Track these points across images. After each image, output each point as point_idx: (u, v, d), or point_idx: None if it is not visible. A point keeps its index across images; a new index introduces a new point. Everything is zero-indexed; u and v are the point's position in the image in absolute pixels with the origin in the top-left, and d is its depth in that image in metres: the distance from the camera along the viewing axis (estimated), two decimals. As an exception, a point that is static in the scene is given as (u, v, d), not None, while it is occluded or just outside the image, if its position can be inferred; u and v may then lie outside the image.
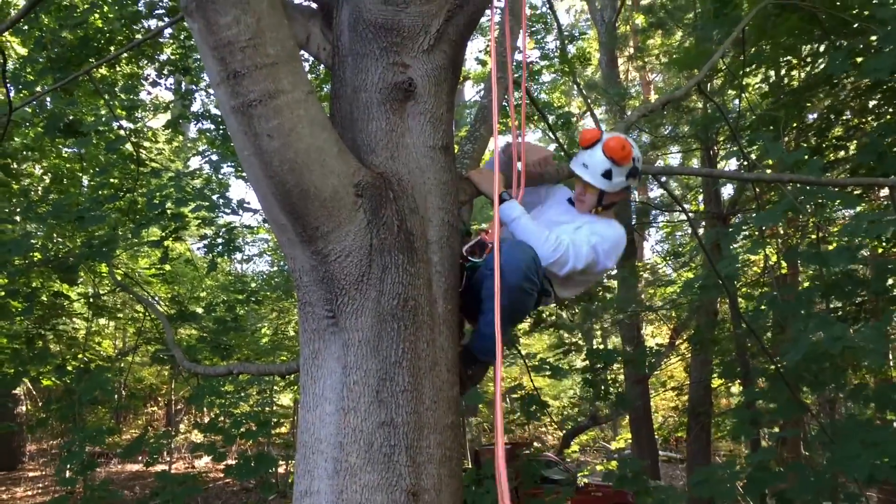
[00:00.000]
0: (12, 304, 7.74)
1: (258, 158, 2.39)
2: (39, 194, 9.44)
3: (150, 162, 8.40)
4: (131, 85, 8.84)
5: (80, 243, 7.88)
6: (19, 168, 9.71)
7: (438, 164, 2.78)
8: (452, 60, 2.81)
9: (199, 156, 10.82)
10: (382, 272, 2.56)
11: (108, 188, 7.91)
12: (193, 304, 12.74)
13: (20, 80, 7.58)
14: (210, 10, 2.21)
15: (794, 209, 5.28)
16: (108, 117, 8.44)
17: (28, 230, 8.58)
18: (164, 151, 13.28)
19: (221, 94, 2.34)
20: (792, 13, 7.06)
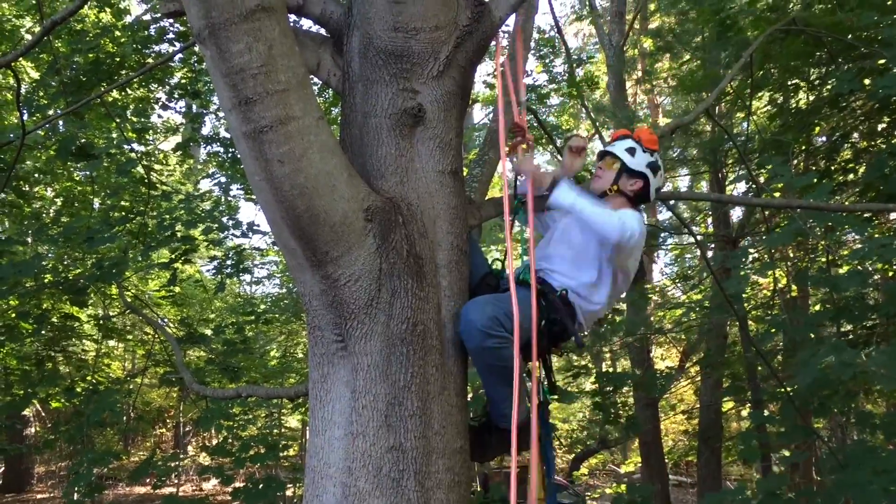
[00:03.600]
0: (22, 326, 7.77)
1: (269, 183, 2.41)
2: (51, 216, 9.51)
3: (160, 185, 8.45)
4: (142, 108, 8.92)
5: (90, 265, 7.92)
6: (31, 190, 9.79)
7: (447, 188, 2.79)
8: (461, 86, 2.84)
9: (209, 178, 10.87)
10: (392, 296, 2.58)
11: (118, 211, 7.96)
12: (202, 326, 12.77)
13: (33, 103, 7.66)
14: (222, 37, 2.24)
15: (804, 233, 5.27)
16: (119, 140, 8.51)
17: (39, 252, 8.63)
18: (174, 174, 13.38)
19: (233, 120, 2.37)
20: (797, 37, 7.09)
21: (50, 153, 8.60)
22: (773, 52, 7.46)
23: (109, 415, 7.61)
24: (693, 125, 10.25)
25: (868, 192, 7.45)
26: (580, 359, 11.78)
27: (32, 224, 8.49)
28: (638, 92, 16.95)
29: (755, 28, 7.66)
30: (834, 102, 7.77)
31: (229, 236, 8.53)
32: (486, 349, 2.73)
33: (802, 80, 8.40)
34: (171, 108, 9.98)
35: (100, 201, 9.54)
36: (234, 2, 2.22)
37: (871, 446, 5.80)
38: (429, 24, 2.67)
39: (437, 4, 2.66)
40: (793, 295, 10.62)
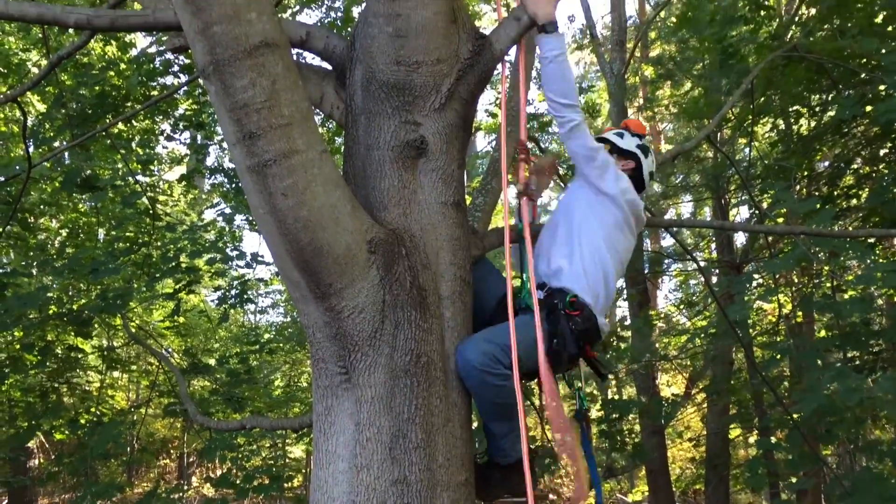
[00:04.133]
0: (27, 358, 7.77)
1: (273, 216, 2.42)
2: (56, 247, 9.53)
3: (165, 216, 8.49)
4: (147, 140, 8.98)
5: (94, 296, 7.93)
6: (36, 222, 9.82)
7: (450, 220, 2.80)
8: (463, 118, 2.86)
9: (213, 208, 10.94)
10: (395, 328, 2.58)
11: (123, 242, 7.99)
12: (206, 356, 12.74)
13: (39, 136, 7.72)
14: (227, 73, 2.27)
15: (808, 258, 5.27)
16: (124, 172, 8.56)
17: (44, 283, 8.64)
18: (179, 204, 13.43)
19: (237, 154, 2.39)
20: (799, 63, 7.13)
21: (55, 185, 8.65)
22: (775, 78, 7.51)
23: (113, 446, 7.58)
24: (695, 151, 10.29)
25: (871, 217, 7.46)
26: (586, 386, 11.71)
27: (37, 255, 8.52)
28: (640, 119, 17.04)
29: (758, 55, 7.71)
30: (836, 128, 7.80)
31: (233, 267, 8.55)
32: (486, 387, 2.72)
33: (804, 106, 8.45)
34: (176, 140, 10.06)
35: (104, 232, 9.57)
36: (238, 38, 2.24)
37: (878, 473, 5.76)
38: (430, 57, 2.70)
39: (439, 38, 2.69)
40: (797, 321, 10.58)
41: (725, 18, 7.73)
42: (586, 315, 3.06)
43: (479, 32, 2.84)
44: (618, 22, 12.72)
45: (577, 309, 3.04)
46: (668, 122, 16.74)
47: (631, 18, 14.86)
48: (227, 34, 2.24)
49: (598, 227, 3.16)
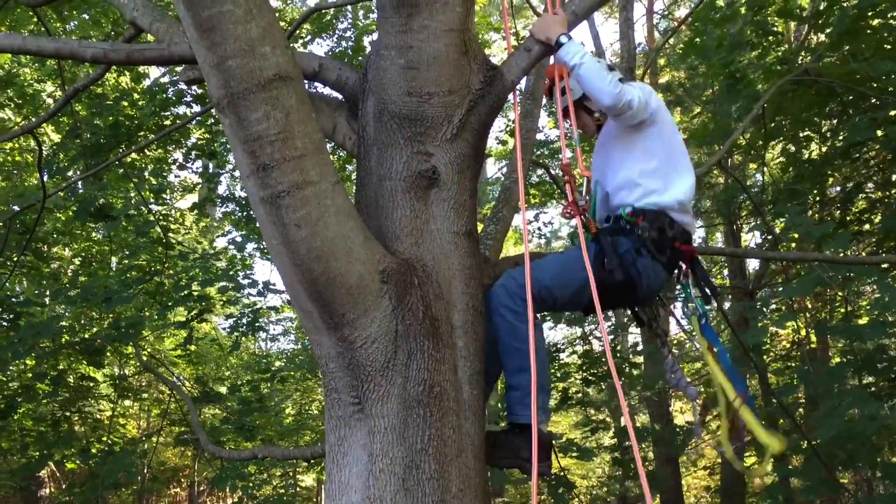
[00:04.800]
0: (39, 387, 7.79)
1: (286, 247, 2.43)
2: (69, 276, 9.59)
3: (177, 245, 8.53)
4: (159, 169, 9.05)
5: (107, 325, 7.96)
6: (49, 251, 9.89)
7: (462, 249, 2.81)
8: (475, 148, 2.87)
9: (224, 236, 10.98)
10: (408, 358, 2.57)
11: (136, 270, 8.03)
12: (218, 384, 12.73)
13: (53, 166, 7.80)
14: (241, 106, 2.29)
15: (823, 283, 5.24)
16: (137, 201, 8.62)
17: (56, 312, 8.68)
18: (191, 232, 13.50)
19: (251, 186, 2.40)
20: (809, 88, 7.14)
21: (69, 213, 8.72)
22: (785, 103, 7.51)
23: (124, 476, 7.57)
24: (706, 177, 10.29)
25: (886, 241, 7.42)
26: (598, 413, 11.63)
27: (51, 284, 8.56)
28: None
29: (766, 80, 7.72)
30: (846, 154, 7.79)
31: (245, 295, 8.57)
32: (500, 323, 2.86)
33: (814, 131, 8.44)
34: (188, 168, 10.13)
35: (117, 260, 9.63)
36: (253, 72, 2.27)
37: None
38: (442, 88, 2.72)
39: (450, 69, 2.71)
40: (812, 346, 10.50)
41: (733, 44, 7.76)
42: (651, 217, 3.05)
43: (490, 63, 2.86)
44: (627, 49, 12.79)
45: (639, 215, 3.05)
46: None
47: (640, 45, 14.93)
48: (241, 68, 2.27)
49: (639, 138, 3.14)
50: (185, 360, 11.06)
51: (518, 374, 2.88)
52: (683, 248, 3.12)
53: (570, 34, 2.93)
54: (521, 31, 11.17)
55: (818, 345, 10.74)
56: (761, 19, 7.71)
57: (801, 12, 8.15)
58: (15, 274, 7.93)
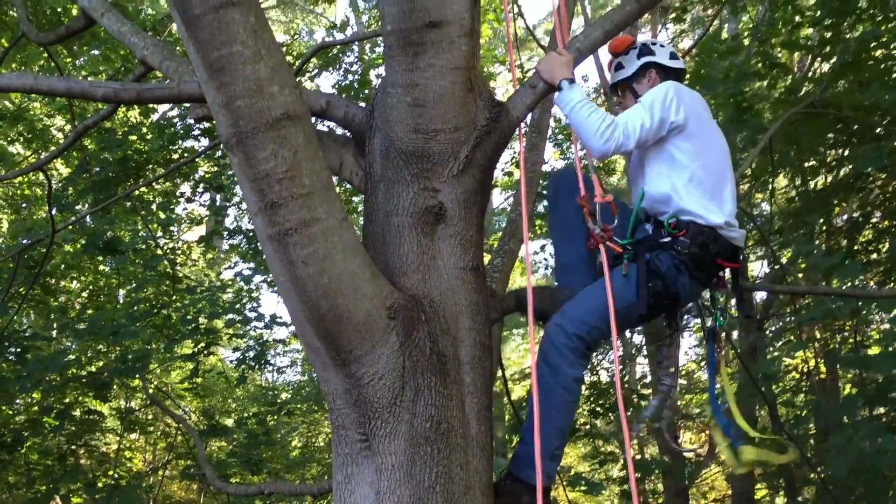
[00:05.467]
0: (46, 420, 7.77)
1: (293, 284, 2.44)
2: (76, 309, 9.60)
3: (185, 278, 8.55)
4: (167, 203, 9.10)
5: (114, 358, 7.96)
6: (57, 284, 9.92)
7: (469, 284, 2.81)
8: (481, 183, 2.89)
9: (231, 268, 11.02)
10: (415, 395, 2.57)
11: (143, 303, 8.04)
12: (224, 416, 12.70)
13: (62, 200, 7.85)
14: (249, 144, 2.31)
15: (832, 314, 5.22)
16: (144, 234, 8.66)
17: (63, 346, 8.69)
18: (197, 263, 13.53)
19: (259, 223, 2.42)
20: (816, 118, 7.16)
21: (77, 247, 8.76)
22: (792, 132, 7.53)
23: (130, 511, 7.52)
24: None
25: (894, 272, 7.39)
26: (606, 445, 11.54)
27: (59, 318, 8.58)
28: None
29: (773, 111, 7.75)
30: (853, 184, 7.79)
31: (252, 328, 8.57)
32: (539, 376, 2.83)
33: (820, 161, 8.45)
34: (196, 201, 10.18)
35: (125, 293, 9.65)
36: (261, 111, 2.29)
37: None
38: (448, 125, 2.74)
39: (456, 106, 2.73)
40: (822, 377, 10.42)
41: (739, 74, 7.81)
42: (694, 231, 2.97)
43: (495, 100, 2.88)
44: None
45: (682, 228, 2.97)
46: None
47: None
48: (250, 107, 2.29)
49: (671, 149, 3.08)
50: (192, 393, 11.03)
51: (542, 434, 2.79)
52: (726, 264, 3.07)
53: (573, 77, 2.95)
54: (525, 64, 11.25)
55: (828, 375, 10.66)
56: (767, 51, 7.76)
57: (806, 41, 8.20)
58: (22, 307, 7.96)
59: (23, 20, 4.41)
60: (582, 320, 2.90)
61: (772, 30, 7.73)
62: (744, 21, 10.00)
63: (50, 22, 8.33)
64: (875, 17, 6.95)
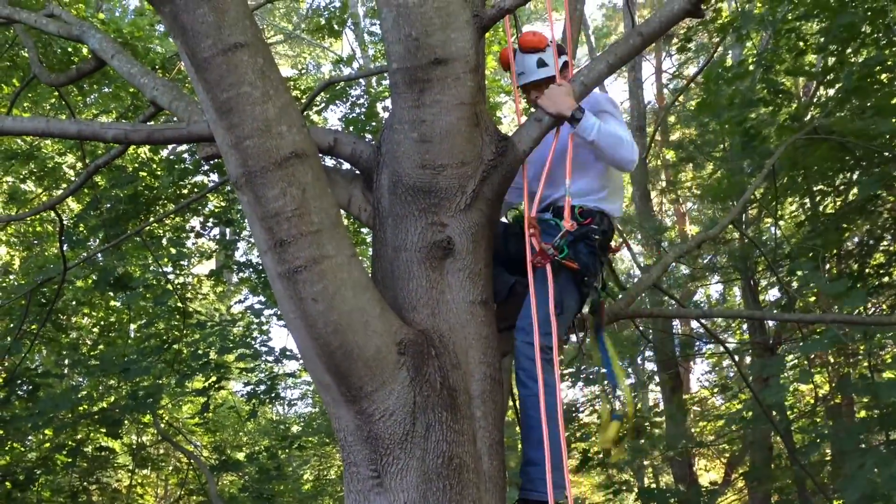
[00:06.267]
0: (58, 458, 7.77)
1: (303, 321, 2.46)
2: (87, 345, 9.62)
3: (195, 313, 8.57)
4: (177, 238, 9.14)
5: (125, 394, 7.96)
6: (69, 321, 9.95)
7: (478, 318, 2.82)
8: (489, 217, 2.90)
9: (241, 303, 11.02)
10: (426, 430, 2.56)
11: (154, 338, 8.06)
12: (235, 451, 12.64)
13: (73, 237, 7.90)
14: (258, 183, 2.34)
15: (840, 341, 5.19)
16: (155, 271, 8.69)
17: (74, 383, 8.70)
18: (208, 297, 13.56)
19: (268, 261, 2.44)
20: (821, 143, 7.17)
21: (88, 283, 8.80)
22: (797, 158, 7.54)
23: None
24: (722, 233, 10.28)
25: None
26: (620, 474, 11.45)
27: (70, 354, 8.59)
28: (664, 201, 17.11)
29: (778, 137, 7.77)
30: (861, 208, 7.77)
31: (262, 361, 8.56)
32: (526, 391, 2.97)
33: (828, 185, 8.44)
34: (205, 236, 10.22)
35: (135, 329, 9.66)
36: (270, 151, 2.32)
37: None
38: (455, 160, 2.76)
39: (463, 141, 2.75)
40: (836, 402, 10.32)
41: (745, 101, 7.83)
42: (599, 219, 3.30)
43: (501, 134, 2.90)
44: (637, 108, 12.95)
45: (588, 217, 3.25)
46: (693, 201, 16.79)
47: (649, 104, 15.10)
48: (259, 147, 2.33)
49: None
50: (203, 428, 11.01)
51: (540, 448, 2.82)
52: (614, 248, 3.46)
53: (581, 105, 2.99)
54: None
55: (842, 400, 10.55)
56: (772, 78, 7.79)
57: (810, 68, 8.24)
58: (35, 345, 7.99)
59: (34, 62, 4.48)
60: (544, 331, 2.98)
61: (775, 57, 7.77)
62: (748, 47, 10.06)
63: (60, 62, 8.43)
64: (879, 42, 6.99)
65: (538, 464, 2.82)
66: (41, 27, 3.83)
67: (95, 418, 7.48)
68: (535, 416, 2.87)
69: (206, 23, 2.25)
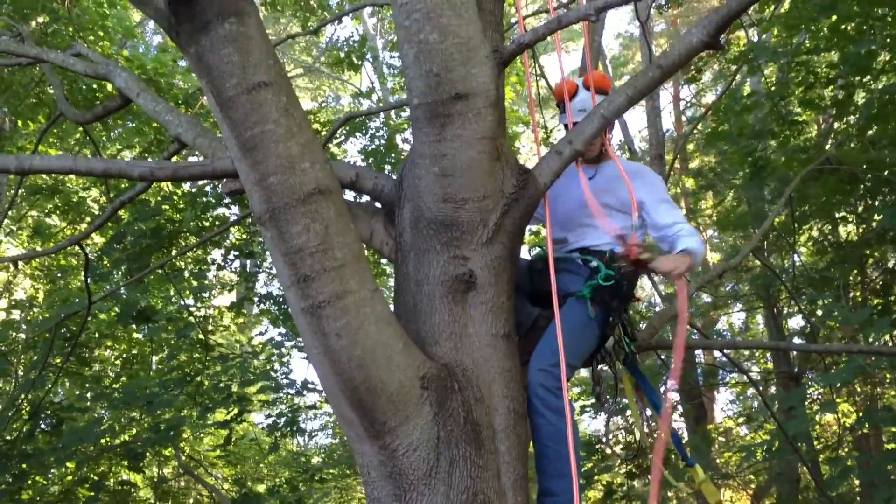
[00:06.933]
0: (80, 492, 7.77)
1: (327, 357, 2.46)
2: (110, 377, 9.66)
3: (217, 346, 8.59)
4: (199, 271, 9.20)
5: (147, 426, 7.98)
6: (91, 354, 10.02)
7: (501, 351, 2.81)
8: (510, 250, 2.90)
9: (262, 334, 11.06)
10: (450, 465, 2.55)
11: (176, 371, 8.09)
12: (256, 483, 12.60)
13: (97, 270, 7.97)
14: (282, 220, 2.36)
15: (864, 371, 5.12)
16: (177, 303, 8.74)
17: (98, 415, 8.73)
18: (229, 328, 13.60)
19: (292, 297, 2.45)
20: (831, 175, 7.14)
21: (112, 315, 8.86)
22: (809, 189, 7.51)
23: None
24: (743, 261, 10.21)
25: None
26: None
27: (93, 387, 8.63)
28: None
29: (788, 168, 7.75)
30: (880, 237, 7.72)
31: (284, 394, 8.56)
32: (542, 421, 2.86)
33: (849, 212, 8.39)
34: (227, 268, 10.28)
35: (157, 361, 9.70)
36: (293, 187, 2.35)
37: None
38: (476, 194, 2.77)
39: (484, 175, 2.76)
40: (864, 431, 10.16)
41: (754, 133, 7.83)
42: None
43: (522, 167, 2.91)
44: (655, 136, 12.94)
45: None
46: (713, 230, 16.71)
47: (668, 132, 15.11)
48: (282, 184, 2.35)
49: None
50: (224, 461, 10.99)
51: (558, 478, 2.81)
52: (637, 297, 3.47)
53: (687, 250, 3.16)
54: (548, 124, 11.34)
55: (870, 430, 10.38)
56: (783, 109, 7.79)
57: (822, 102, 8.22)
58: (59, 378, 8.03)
59: (60, 99, 4.55)
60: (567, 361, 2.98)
61: (786, 89, 7.78)
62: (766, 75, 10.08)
63: (86, 99, 8.58)
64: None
65: (557, 494, 2.79)
66: (69, 66, 3.89)
67: (118, 451, 7.50)
68: (551, 447, 2.84)
69: (231, 62, 2.29)
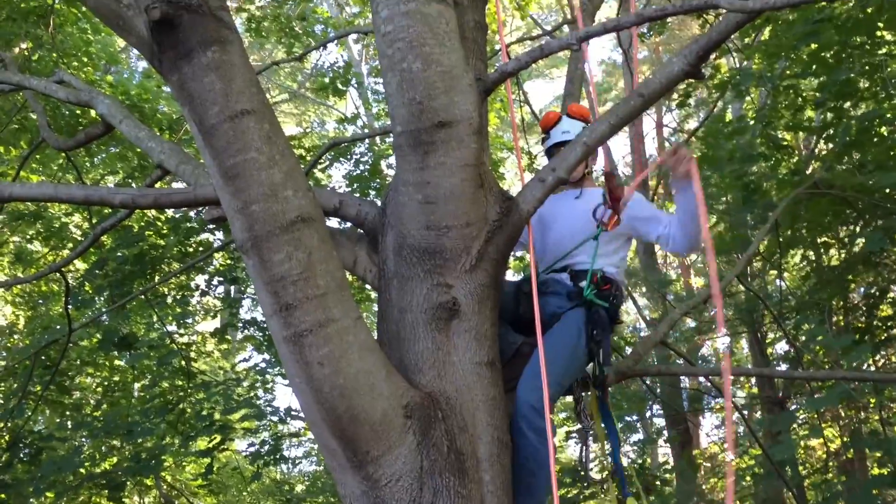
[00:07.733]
0: (59, 523, 7.65)
1: (309, 385, 2.44)
2: (91, 405, 9.54)
3: (199, 373, 8.51)
4: (182, 297, 9.14)
5: (128, 454, 7.87)
6: (72, 381, 9.90)
7: (485, 379, 2.79)
8: (494, 278, 2.90)
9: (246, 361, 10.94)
10: (434, 496, 2.52)
11: (158, 399, 7.99)
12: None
13: (79, 297, 7.90)
14: (264, 248, 2.35)
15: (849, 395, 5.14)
16: (159, 329, 8.66)
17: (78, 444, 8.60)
18: (212, 355, 13.48)
19: (274, 325, 2.43)
20: (822, 198, 7.19)
21: (93, 342, 8.77)
22: (797, 212, 7.55)
23: None
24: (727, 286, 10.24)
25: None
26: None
27: (74, 416, 8.52)
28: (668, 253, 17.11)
29: (780, 191, 7.80)
30: (866, 260, 7.77)
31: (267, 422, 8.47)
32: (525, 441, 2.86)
33: (832, 237, 8.45)
34: (210, 294, 10.20)
35: (139, 388, 9.59)
36: (276, 215, 2.34)
37: None
38: (459, 221, 2.76)
39: (467, 203, 2.76)
40: (849, 456, 10.16)
41: (745, 156, 7.88)
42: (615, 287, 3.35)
43: (506, 194, 2.92)
44: (639, 161, 13.07)
45: (607, 283, 3.32)
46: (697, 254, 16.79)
47: (651, 157, 15.22)
48: (265, 211, 2.34)
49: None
50: (206, 489, 10.85)
51: (528, 497, 2.87)
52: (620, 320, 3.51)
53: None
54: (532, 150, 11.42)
55: (855, 454, 10.39)
56: (771, 133, 7.86)
57: (810, 123, 8.30)
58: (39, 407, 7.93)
59: (43, 126, 4.53)
60: (558, 382, 3.06)
61: (774, 113, 7.85)
62: (748, 101, 10.17)
63: (69, 125, 8.54)
64: (878, 97, 7.05)
65: None
66: (51, 93, 3.88)
67: (98, 481, 7.38)
68: (527, 467, 2.87)
69: (214, 90, 2.29)
